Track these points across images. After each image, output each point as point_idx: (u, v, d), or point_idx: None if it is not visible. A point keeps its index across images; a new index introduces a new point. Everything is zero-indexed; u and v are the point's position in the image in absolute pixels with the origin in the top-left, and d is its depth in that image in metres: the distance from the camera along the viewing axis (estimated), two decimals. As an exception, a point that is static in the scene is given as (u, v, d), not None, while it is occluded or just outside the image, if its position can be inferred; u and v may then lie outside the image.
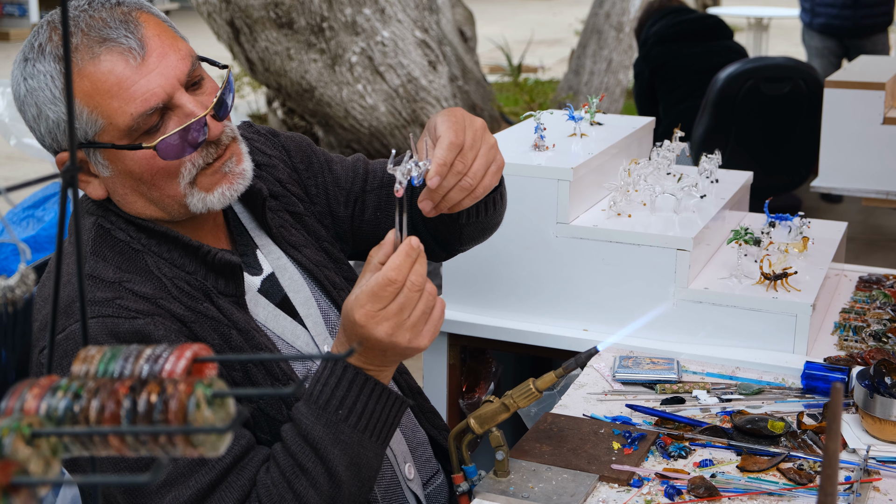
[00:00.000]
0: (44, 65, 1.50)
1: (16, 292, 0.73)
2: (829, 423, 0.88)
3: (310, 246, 1.81)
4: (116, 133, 1.51)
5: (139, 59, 1.50)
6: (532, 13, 17.32)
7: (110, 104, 1.49)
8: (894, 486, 1.64)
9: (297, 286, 1.75)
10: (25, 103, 1.54)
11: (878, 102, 3.16)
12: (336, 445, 1.47)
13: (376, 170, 1.94)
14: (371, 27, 5.31)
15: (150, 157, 1.52)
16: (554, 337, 2.29)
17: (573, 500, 1.60)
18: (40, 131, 1.55)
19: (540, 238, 2.29)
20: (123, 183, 1.56)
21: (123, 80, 1.49)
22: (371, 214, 1.91)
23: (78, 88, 1.48)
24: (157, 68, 1.51)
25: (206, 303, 1.58)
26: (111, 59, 1.49)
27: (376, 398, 1.50)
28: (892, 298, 2.31)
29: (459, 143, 1.55)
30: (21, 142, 3.64)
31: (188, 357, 0.70)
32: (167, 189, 1.56)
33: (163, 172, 1.54)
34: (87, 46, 1.49)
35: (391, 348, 1.46)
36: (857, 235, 5.80)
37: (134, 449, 0.66)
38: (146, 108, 1.50)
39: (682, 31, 5.75)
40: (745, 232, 2.23)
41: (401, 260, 1.44)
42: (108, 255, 1.56)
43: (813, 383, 1.93)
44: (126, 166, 1.54)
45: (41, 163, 7.38)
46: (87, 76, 1.49)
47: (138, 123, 1.50)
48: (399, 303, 1.44)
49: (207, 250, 1.59)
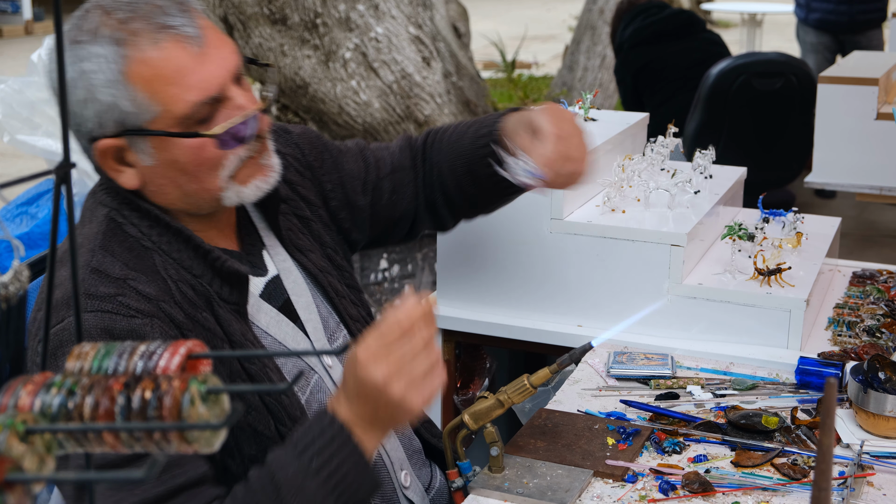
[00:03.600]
0: (100, 48, 1.48)
1: (9, 289, 0.73)
2: (822, 418, 0.88)
3: (315, 251, 1.81)
4: (170, 121, 1.50)
5: (198, 48, 1.51)
6: (526, 9, 17.31)
7: (169, 91, 1.49)
8: (888, 480, 1.65)
9: (300, 290, 1.75)
10: (73, 88, 1.50)
11: (872, 98, 3.17)
12: (299, 494, 1.39)
13: (384, 156, 1.97)
14: (365, 23, 5.31)
15: (199, 146, 1.53)
16: (548, 333, 2.29)
17: (568, 496, 1.60)
18: (84, 115, 1.51)
19: (534, 234, 2.29)
20: (164, 173, 1.55)
21: (183, 68, 1.49)
22: (387, 199, 1.95)
23: (137, 74, 1.48)
24: (214, 59, 1.52)
25: (205, 311, 1.57)
26: (172, 47, 1.49)
27: (353, 463, 1.42)
28: (886, 294, 2.32)
29: (562, 133, 1.71)
30: (14, 138, 3.63)
31: (182, 353, 0.70)
32: (207, 181, 1.56)
33: (208, 163, 1.55)
34: (149, 32, 1.48)
35: (383, 399, 1.39)
36: (851, 231, 5.80)
37: (128, 445, 0.66)
38: (204, 97, 1.50)
39: (655, 31, 5.72)
40: (738, 227, 2.23)
41: (413, 308, 1.41)
42: (117, 251, 1.55)
43: (807, 378, 1.93)
44: (172, 155, 1.53)
45: (34, 160, 7.36)
46: (148, 62, 1.48)
47: (194, 112, 1.50)
48: (403, 350, 1.40)
49: (217, 256, 1.58)
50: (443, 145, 1.97)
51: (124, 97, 1.48)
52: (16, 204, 3.80)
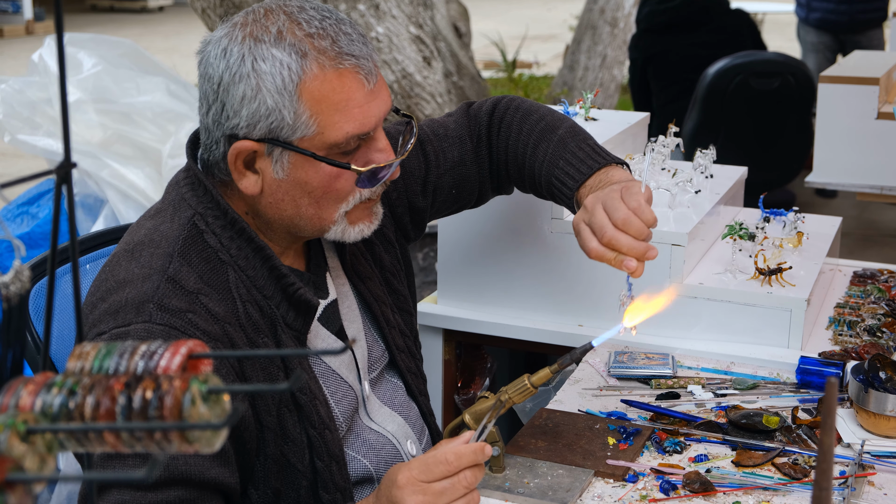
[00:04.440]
0: (282, 53, 1.48)
1: (10, 289, 0.73)
2: (823, 417, 0.88)
3: (374, 278, 1.80)
4: (320, 144, 1.52)
5: (370, 85, 1.53)
6: (526, 9, 17.30)
7: (332, 117, 1.50)
8: (889, 480, 1.65)
9: (352, 316, 1.75)
10: (240, 81, 1.49)
11: (873, 97, 3.17)
12: None
13: (444, 149, 1.93)
14: (366, 23, 5.31)
15: (335, 175, 1.54)
16: (549, 332, 2.29)
17: (568, 496, 1.60)
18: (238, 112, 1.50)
19: (535, 234, 2.29)
20: (289, 190, 1.55)
21: (352, 100, 1.51)
22: (447, 194, 1.94)
23: (309, 91, 1.49)
24: (377, 99, 1.54)
25: (266, 336, 1.56)
26: (351, 76, 1.51)
27: None
28: (887, 293, 2.32)
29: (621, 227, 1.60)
30: (15, 138, 3.63)
31: (183, 353, 0.70)
32: (326, 210, 1.57)
33: (335, 194, 1.56)
34: (336, 55, 1.50)
35: None
36: (852, 230, 5.80)
37: (129, 445, 0.66)
38: (360, 131, 1.53)
39: (667, 20, 5.68)
40: (739, 227, 2.23)
41: (464, 451, 1.44)
42: (194, 260, 1.53)
43: (808, 378, 1.93)
44: (307, 176, 1.54)
45: (35, 159, 7.36)
46: (325, 82, 1.50)
47: (346, 142, 1.52)
48: (444, 485, 1.43)
49: (291, 282, 1.57)
50: (510, 148, 1.91)
51: (289, 108, 1.49)
52: (17, 204, 3.80)
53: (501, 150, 1.92)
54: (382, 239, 1.85)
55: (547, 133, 1.86)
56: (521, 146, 1.89)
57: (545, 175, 1.83)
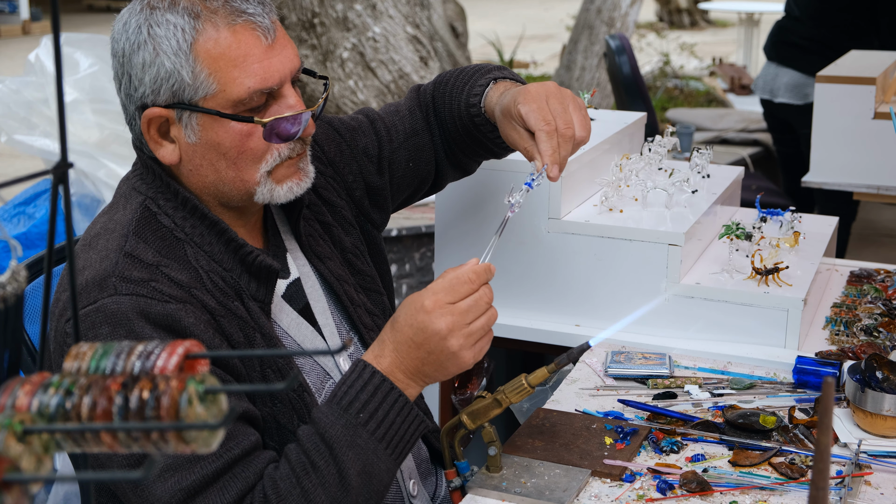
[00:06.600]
0: (175, 17, 1.52)
1: (7, 289, 0.73)
2: (820, 417, 0.88)
3: (334, 258, 1.82)
4: (224, 102, 1.54)
5: (268, 40, 1.55)
6: (523, 9, 17.31)
7: (230, 73, 1.52)
8: (886, 480, 1.65)
9: (317, 295, 1.76)
10: (139, 49, 1.53)
11: (869, 97, 3.17)
12: (351, 448, 1.47)
13: (395, 123, 1.96)
14: (362, 23, 5.31)
15: (245, 133, 1.56)
16: (546, 332, 2.29)
17: (565, 496, 1.60)
18: (142, 80, 1.54)
19: (532, 233, 2.29)
20: (204, 154, 1.57)
21: (250, 55, 1.53)
22: (405, 169, 1.96)
23: (205, 49, 1.52)
24: (279, 55, 1.56)
25: (236, 301, 1.59)
26: (245, 32, 1.53)
27: (398, 410, 1.51)
28: (883, 293, 2.32)
29: (551, 125, 1.64)
30: (12, 138, 3.62)
31: (180, 353, 0.70)
32: (245, 172, 1.59)
33: (250, 153, 1.57)
34: (228, 13, 1.53)
35: (438, 349, 1.50)
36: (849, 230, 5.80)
37: (126, 445, 0.66)
38: (263, 86, 1.54)
39: None
40: (736, 227, 2.23)
41: (482, 270, 1.52)
42: (150, 238, 1.56)
43: (804, 378, 1.94)
44: (217, 137, 1.55)
45: (32, 159, 7.36)
46: (218, 41, 1.52)
47: (249, 98, 1.54)
48: (469, 303, 1.50)
49: (250, 251, 1.60)
50: (444, 101, 1.95)
51: (186, 68, 1.51)
52: (13, 204, 3.79)
53: (444, 109, 1.94)
54: (342, 220, 1.87)
55: (469, 74, 1.92)
56: (454, 95, 1.93)
57: (463, 103, 1.88)
